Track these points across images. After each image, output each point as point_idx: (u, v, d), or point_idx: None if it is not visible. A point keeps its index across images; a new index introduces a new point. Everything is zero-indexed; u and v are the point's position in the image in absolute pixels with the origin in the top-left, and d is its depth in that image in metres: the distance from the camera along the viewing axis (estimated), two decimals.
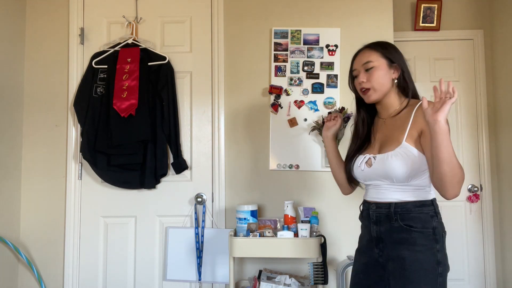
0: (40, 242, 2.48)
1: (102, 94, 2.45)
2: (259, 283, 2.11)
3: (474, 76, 3.11)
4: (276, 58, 2.52)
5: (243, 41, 2.55)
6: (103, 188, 2.49)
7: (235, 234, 2.22)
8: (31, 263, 2.40)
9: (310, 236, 2.11)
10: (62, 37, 2.57)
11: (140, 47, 2.48)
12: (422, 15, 3.06)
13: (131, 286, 2.47)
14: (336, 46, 2.51)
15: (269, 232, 2.14)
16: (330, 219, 2.44)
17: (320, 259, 2.05)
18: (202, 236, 2.44)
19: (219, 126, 2.52)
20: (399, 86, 1.54)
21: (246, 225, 2.20)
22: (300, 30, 2.53)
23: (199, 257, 2.41)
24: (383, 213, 1.49)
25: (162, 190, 2.49)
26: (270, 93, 2.49)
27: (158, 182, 2.46)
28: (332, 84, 2.50)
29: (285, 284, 2.13)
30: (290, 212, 2.23)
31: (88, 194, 2.50)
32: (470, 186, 3.06)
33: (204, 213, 2.47)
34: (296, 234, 2.12)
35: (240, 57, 2.55)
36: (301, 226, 2.12)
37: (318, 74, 2.50)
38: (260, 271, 2.32)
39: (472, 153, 3.07)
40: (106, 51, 2.49)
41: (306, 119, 2.48)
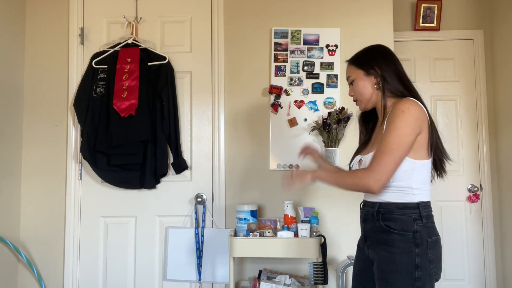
0: (40, 242, 2.48)
1: (102, 94, 2.45)
2: (259, 283, 2.11)
3: (474, 76, 3.11)
4: (276, 58, 2.52)
5: (243, 41, 2.55)
6: (103, 188, 2.49)
7: (235, 234, 2.22)
8: (31, 263, 2.40)
9: (310, 236, 2.11)
10: (62, 37, 2.57)
11: (140, 47, 2.48)
12: (422, 15, 3.05)
13: (131, 286, 2.47)
14: (336, 46, 2.51)
15: (269, 232, 2.14)
16: (330, 219, 2.44)
17: (320, 259, 2.05)
18: (202, 236, 2.44)
19: (219, 126, 2.52)
20: (386, 89, 1.53)
21: (246, 225, 2.20)
22: (300, 30, 2.53)
23: (199, 257, 2.41)
24: (369, 212, 1.53)
25: (162, 190, 2.49)
26: (270, 93, 2.49)
27: (158, 182, 2.46)
28: (332, 84, 2.50)
29: (285, 284, 2.13)
30: (290, 212, 2.23)
31: (88, 194, 2.50)
32: (470, 186, 3.05)
33: (204, 213, 2.47)
34: (296, 234, 2.12)
35: (240, 57, 2.55)
36: (301, 226, 2.12)
37: (318, 74, 2.50)
38: (260, 271, 2.32)
39: (472, 153, 3.07)
40: (106, 51, 2.49)
41: (306, 119, 2.48)
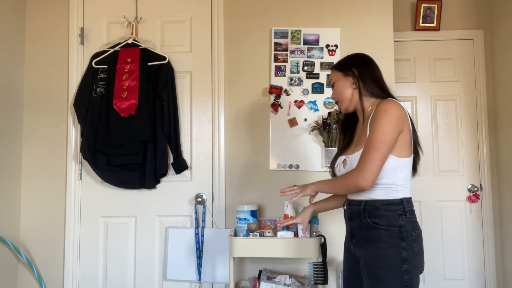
0: (40, 242, 2.48)
1: (102, 94, 2.45)
2: (259, 283, 2.11)
3: (474, 76, 3.11)
4: (276, 58, 2.52)
5: (243, 41, 2.55)
6: (103, 188, 2.49)
7: (235, 234, 2.22)
8: (31, 263, 2.40)
9: (310, 236, 2.10)
10: (62, 37, 2.57)
11: (140, 47, 2.48)
12: (422, 15, 3.06)
13: (131, 286, 2.47)
14: (336, 46, 2.51)
15: (269, 232, 2.13)
16: (330, 219, 2.44)
17: (320, 259, 2.05)
18: (202, 236, 2.44)
19: (219, 126, 2.52)
20: (363, 89, 1.63)
21: (246, 225, 2.20)
22: (300, 30, 2.53)
23: (199, 257, 2.41)
24: (355, 210, 1.58)
25: (162, 190, 2.49)
26: (270, 93, 2.49)
27: (158, 182, 2.46)
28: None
29: (285, 284, 2.13)
30: (290, 212, 2.22)
31: (88, 194, 2.50)
32: (470, 186, 3.06)
33: (204, 213, 2.47)
34: (296, 234, 2.12)
35: (240, 57, 2.55)
36: (301, 226, 2.11)
37: (318, 74, 2.50)
38: (260, 271, 2.31)
39: (472, 153, 3.07)
40: (106, 51, 2.49)
41: (306, 119, 2.48)
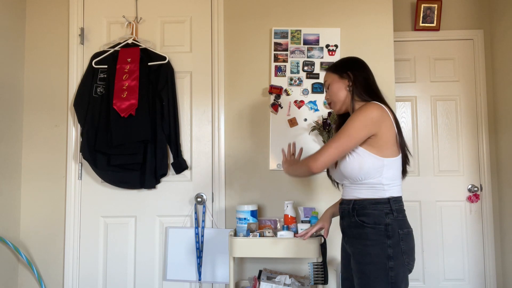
0: (40, 242, 2.48)
1: (102, 94, 2.45)
2: (259, 283, 2.11)
3: (474, 76, 3.11)
4: (276, 58, 2.52)
5: (243, 41, 2.55)
6: (103, 188, 2.49)
7: (235, 234, 2.22)
8: (31, 263, 2.40)
9: (310, 236, 2.10)
10: (62, 37, 2.57)
11: (140, 47, 2.48)
12: (422, 15, 3.06)
13: (131, 286, 2.47)
14: (336, 46, 2.51)
15: (269, 232, 2.14)
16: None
17: (320, 259, 2.05)
18: (202, 236, 2.44)
19: (219, 126, 2.52)
20: (354, 93, 1.67)
21: (246, 225, 2.20)
22: (300, 30, 2.53)
23: (199, 257, 2.41)
24: (346, 209, 1.66)
25: (162, 190, 2.49)
26: (270, 93, 2.49)
27: (158, 182, 2.46)
28: None
29: (285, 284, 2.13)
30: (290, 212, 2.23)
31: (88, 194, 2.50)
32: (470, 186, 3.06)
33: (204, 213, 2.47)
34: (295, 234, 2.12)
35: (240, 57, 2.55)
36: (301, 226, 2.12)
37: (318, 74, 2.50)
38: (260, 271, 2.31)
39: (472, 153, 3.07)
40: (106, 51, 2.49)
41: (306, 119, 2.48)
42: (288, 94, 2.50)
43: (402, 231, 1.54)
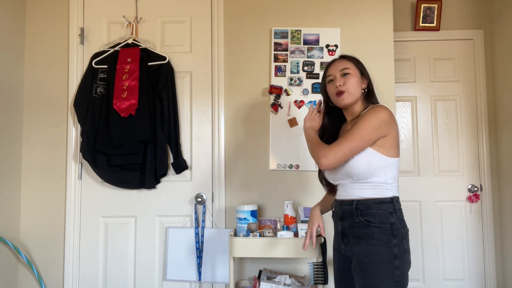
0: (40, 242, 2.48)
1: (102, 94, 2.45)
2: (259, 283, 2.11)
3: (474, 76, 3.11)
4: (276, 58, 2.52)
5: (243, 41, 2.55)
6: (103, 188, 2.49)
7: (235, 234, 2.22)
8: (31, 263, 2.40)
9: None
10: (62, 37, 2.57)
11: (140, 47, 2.48)
12: (422, 15, 3.06)
13: (131, 286, 2.47)
14: (336, 46, 2.51)
15: (269, 232, 2.14)
16: (330, 219, 2.44)
17: (320, 259, 2.05)
18: (202, 236, 2.44)
19: (219, 126, 2.52)
20: (365, 97, 1.70)
21: (246, 225, 2.20)
22: (300, 30, 2.53)
23: (199, 257, 2.41)
24: (347, 209, 1.62)
25: (162, 190, 2.49)
26: (270, 93, 2.49)
27: (158, 182, 2.46)
28: None
29: (285, 284, 2.13)
30: (290, 212, 2.23)
31: (88, 194, 2.50)
32: (470, 186, 3.06)
33: (204, 213, 2.47)
34: (296, 234, 2.12)
35: (240, 57, 2.55)
36: (301, 226, 2.12)
37: (318, 74, 2.50)
38: (260, 271, 2.32)
39: (472, 153, 3.07)
40: (106, 51, 2.49)
41: None
42: (288, 94, 2.50)
43: (404, 230, 1.56)
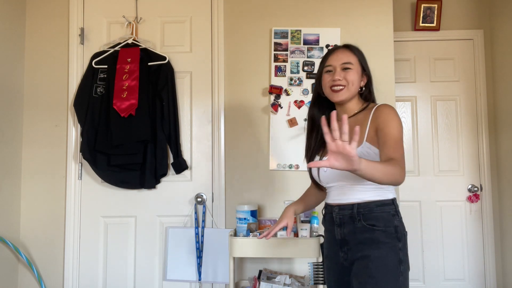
0: (40, 242, 2.48)
1: (102, 94, 2.45)
2: (259, 283, 2.11)
3: (474, 76, 3.11)
4: (276, 58, 2.52)
5: (243, 41, 2.55)
6: (103, 188, 2.49)
7: (235, 234, 2.23)
8: (31, 263, 2.40)
9: (310, 236, 2.11)
10: (62, 37, 2.57)
11: (140, 47, 2.48)
12: (422, 15, 3.06)
13: (131, 286, 2.47)
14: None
15: None
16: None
17: (320, 259, 2.05)
18: (202, 236, 2.44)
19: (219, 126, 2.52)
20: (362, 94, 1.59)
21: (246, 225, 2.20)
22: (300, 30, 2.53)
23: (199, 257, 2.41)
24: (347, 214, 1.49)
25: (162, 190, 2.49)
26: (270, 93, 2.49)
27: (158, 182, 2.46)
28: None
29: (285, 284, 2.13)
30: None
31: (88, 194, 2.50)
32: (470, 186, 3.06)
33: (204, 213, 2.47)
34: (296, 234, 2.12)
35: (240, 57, 2.55)
36: (301, 226, 2.12)
37: None
38: (260, 271, 2.32)
39: (472, 153, 3.07)
40: (106, 51, 2.49)
41: (306, 119, 2.48)
42: (288, 94, 2.50)
43: (405, 232, 1.49)
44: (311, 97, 1.70)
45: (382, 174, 1.24)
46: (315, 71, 2.50)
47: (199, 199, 2.46)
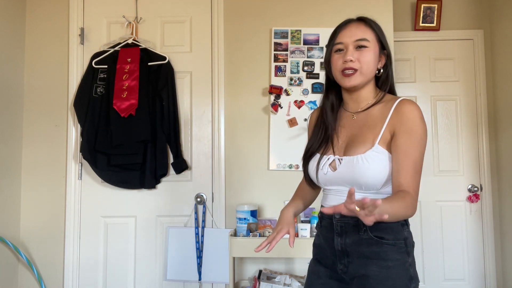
0: (40, 242, 2.48)
1: (102, 94, 2.45)
2: (259, 283, 2.11)
3: (474, 76, 3.11)
4: (276, 58, 2.52)
5: (243, 41, 2.55)
6: (103, 188, 2.49)
7: (235, 234, 2.23)
8: (31, 263, 2.40)
9: (310, 236, 2.11)
10: (62, 37, 2.57)
11: (140, 47, 2.48)
12: (422, 15, 3.06)
13: (131, 286, 2.47)
14: None
15: (269, 232, 2.14)
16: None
17: None
18: (202, 236, 2.44)
19: (219, 126, 2.52)
20: (380, 78, 1.31)
21: (246, 225, 2.20)
22: (300, 30, 2.53)
23: (199, 257, 2.41)
24: (350, 223, 1.24)
25: (162, 190, 2.49)
26: (270, 93, 2.49)
27: (158, 182, 2.46)
28: None
29: (285, 284, 2.14)
30: None
31: (88, 194, 2.50)
32: (470, 186, 3.05)
33: (204, 213, 2.47)
34: (296, 234, 2.12)
35: (240, 57, 2.55)
36: (301, 226, 2.12)
37: (318, 74, 2.50)
38: (260, 271, 2.32)
39: (472, 153, 3.07)
40: (106, 51, 2.49)
41: (306, 119, 2.48)
42: (288, 94, 2.50)
43: (413, 243, 1.27)
44: (324, 84, 1.42)
45: (392, 218, 1.11)
46: (315, 71, 2.50)
47: (199, 199, 2.46)
